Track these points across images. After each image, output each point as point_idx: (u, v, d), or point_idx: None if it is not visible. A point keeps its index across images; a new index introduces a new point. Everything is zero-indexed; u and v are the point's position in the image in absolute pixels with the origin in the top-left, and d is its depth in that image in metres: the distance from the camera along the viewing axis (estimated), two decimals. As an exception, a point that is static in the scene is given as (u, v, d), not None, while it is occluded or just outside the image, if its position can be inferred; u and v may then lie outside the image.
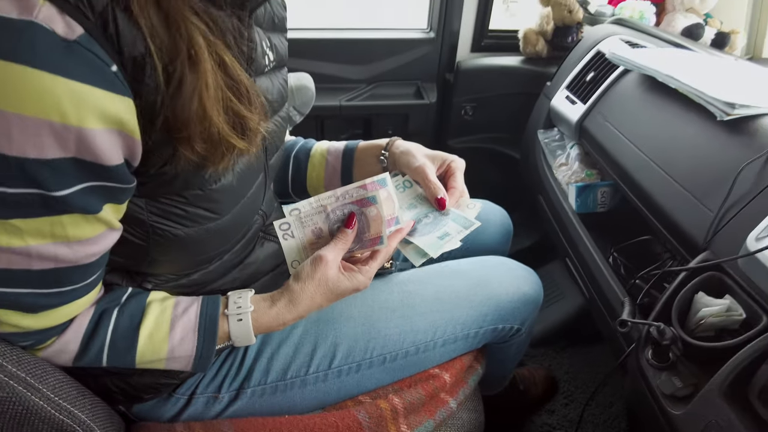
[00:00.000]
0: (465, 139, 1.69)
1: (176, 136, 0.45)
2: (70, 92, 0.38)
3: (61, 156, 0.40)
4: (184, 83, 0.43)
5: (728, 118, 0.83)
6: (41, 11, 0.37)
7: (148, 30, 0.41)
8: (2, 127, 0.38)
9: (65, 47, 0.38)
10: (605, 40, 1.26)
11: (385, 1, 3.12)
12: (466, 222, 0.68)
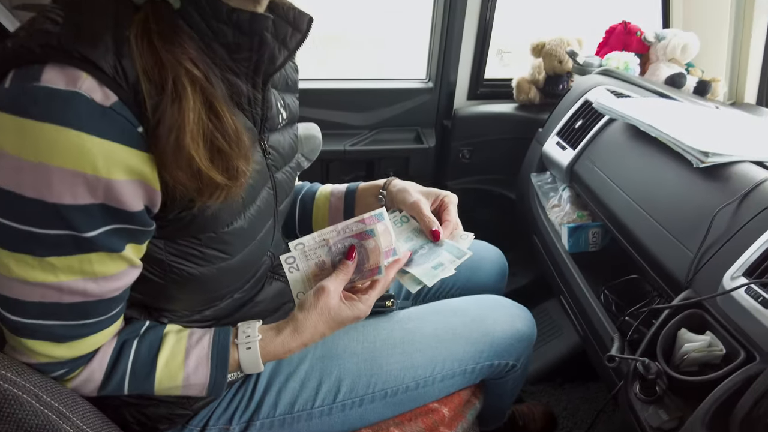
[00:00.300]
0: (463, 181, 1.76)
1: (163, 166, 0.50)
2: (102, 150, 0.45)
3: (92, 202, 0.47)
4: (163, 118, 0.48)
5: (703, 165, 0.89)
6: (84, 83, 0.44)
7: (142, 70, 0.47)
8: (45, 178, 0.44)
9: (101, 112, 0.45)
10: (592, 90, 1.34)
11: (388, 54, 3.27)
12: (459, 252, 0.73)
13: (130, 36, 0.47)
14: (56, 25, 0.46)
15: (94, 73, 0.44)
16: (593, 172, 1.16)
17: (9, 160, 0.44)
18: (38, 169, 0.44)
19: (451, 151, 1.71)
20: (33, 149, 0.44)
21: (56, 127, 0.43)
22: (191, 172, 0.50)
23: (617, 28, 1.70)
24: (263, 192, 0.67)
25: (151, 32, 0.48)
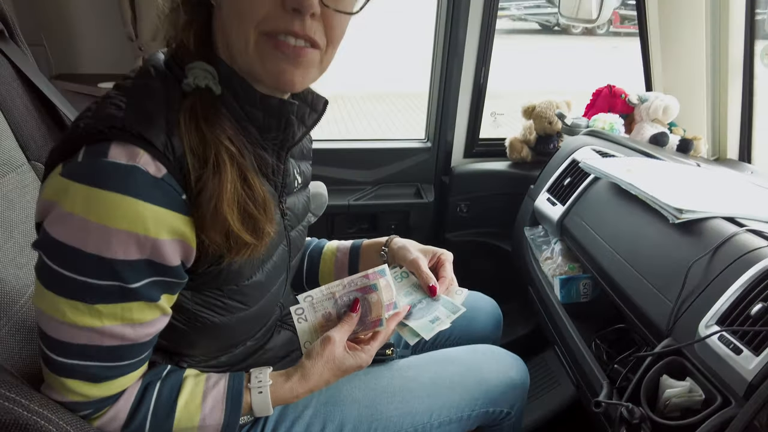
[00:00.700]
0: (461, 233, 1.84)
1: (201, 228, 0.58)
2: (153, 214, 0.54)
3: (139, 258, 0.55)
4: (205, 187, 0.57)
5: (678, 221, 0.97)
6: (141, 158, 0.53)
7: (188, 147, 0.56)
8: (105, 238, 0.53)
9: (154, 183, 0.54)
10: (580, 150, 1.44)
11: (390, 117, 3.46)
12: (454, 307, 0.80)
13: (180, 118, 0.57)
14: (120, 109, 0.56)
15: (149, 150, 0.54)
16: (581, 226, 1.23)
17: (77, 221, 0.52)
18: (101, 229, 0.52)
19: (450, 206, 1.80)
20: (98, 213, 0.52)
21: (119, 195, 0.52)
22: (225, 233, 0.59)
23: (603, 91, 1.82)
24: (279, 249, 0.75)
25: (197, 115, 0.58)
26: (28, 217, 0.81)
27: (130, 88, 0.59)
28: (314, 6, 0.56)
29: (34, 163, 0.87)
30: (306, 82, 0.63)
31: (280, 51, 0.58)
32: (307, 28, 0.57)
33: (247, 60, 0.60)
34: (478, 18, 1.64)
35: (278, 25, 0.57)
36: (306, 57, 0.60)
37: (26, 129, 0.86)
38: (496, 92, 6.33)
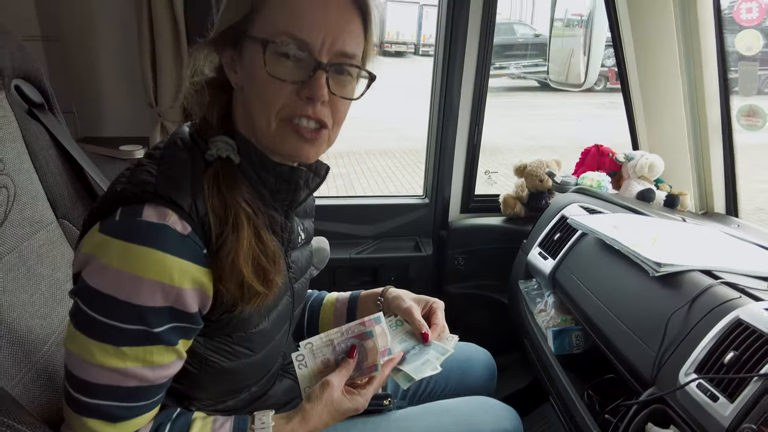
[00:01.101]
0: (459, 286, 1.90)
1: (219, 279, 0.65)
2: (179, 266, 0.61)
3: (164, 305, 0.62)
4: (225, 244, 0.65)
5: (658, 274, 1.03)
6: (170, 218, 0.62)
7: (210, 208, 0.64)
8: (136, 286, 0.60)
9: (181, 239, 0.62)
10: (568, 207, 1.52)
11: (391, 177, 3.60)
12: (443, 350, 0.85)
13: (203, 184, 0.66)
14: (152, 176, 0.65)
15: (177, 211, 0.62)
16: (571, 279, 1.29)
17: (113, 272, 0.60)
18: (133, 279, 0.60)
19: (447, 259, 1.87)
20: (131, 265, 0.60)
21: (151, 250, 0.60)
22: (239, 283, 0.66)
23: (591, 150, 1.93)
24: (284, 299, 0.82)
25: (219, 182, 0.67)
26: (54, 270, 0.89)
27: (160, 157, 0.69)
28: (325, 96, 0.66)
29: (62, 221, 0.95)
30: (318, 155, 0.73)
31: (297, 134, 0.68)
32: (318, 112, 0.67)
33: (268, 139, 0.69)
34: (470, 84, 1.78)
35: (295, 111, 0.67)
36: (319, 138, 0.70)
37: (57, 190, 0.95)
38: (495, 147, 6.46)
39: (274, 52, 0.64)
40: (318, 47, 0.65)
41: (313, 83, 0.65)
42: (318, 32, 0.64)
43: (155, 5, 1.43)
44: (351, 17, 0.68)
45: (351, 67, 0.69)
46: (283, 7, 0.65)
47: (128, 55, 1.55)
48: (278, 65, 0.65)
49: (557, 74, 2.28)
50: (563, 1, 2.09)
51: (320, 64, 0.65)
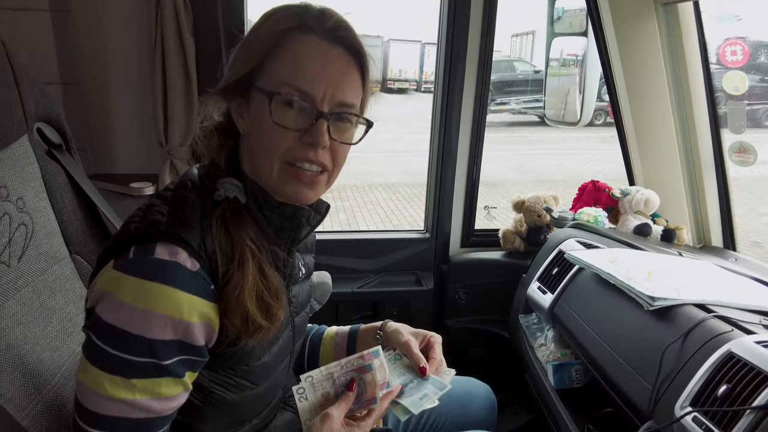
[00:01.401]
0: (460, 320, 1.91)
1: (224, 314, 0.68)
2: (188, 301, 0.65)
3: (173, 338, 0.65)
4: (231, 280, 0.68)
5: (652, 308, 1.05)
6: (181, 256, 0.65)
7: (218, 246, 0.68)
8: (148, 321, 0.63)
9: (190, 275, 0.66)
10: (566, 241, 1.55)
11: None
12: (441, 385, 0.87)
13: (212, 223, 0.70)
14: (163, 216, 0.69)
15: (187, 249, 0.66)
16: (569, 314, 1.31)
17: (127, 307, 0.63)
18: (145, 314, 0.63)
19: (449, 293, 1.89)
20: (144, 300, 0.63)
21: (163, 286, 0.64)
22: (244, 318, 0.69)
23: (588, 186, 1.97)
24: (285, 333, 0.84)
25: (227, 221, 0.71)
26: (66, 304, 0.92)
27: (171, 198, 0.73)
28: (326, 142, 0.71)
29: (74, 256, 0.99)
30: (317, 197, 0.78)
31: (298, 179, 0.73)
32: (319, 157, 0.72)
33: (271, 182, 0.74)
34: (469, 121, 1.84)
35: (297, 155, 0.72)
36: (318, 182, 0.75)
37: (71, 227, 0.99)
38: (496, 181, 6.55)
39: (279, 102, 0.70)
40: (320, 98, 0.70)
41: (315, 131, 0.70)
42: (319, 84, 0.70)
43: (168, 53, 1.51)
44: (350, 70, 0.73)
45: (350, 115, 0.74)
46: (287, 62, 0.70)
47: (141, 97, 1.62)
48: (283, 114, 0.70)
49: (554, 113, 2.35)
50: (559, 42, 2.18)
51: (322, 113, 0.70)
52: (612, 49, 1.80)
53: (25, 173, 0.90)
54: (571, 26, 2.09)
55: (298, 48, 0.70)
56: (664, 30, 1.73)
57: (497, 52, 14.99)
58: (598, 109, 9.88)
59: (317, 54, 0.71)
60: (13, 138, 0.88)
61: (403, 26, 34.57)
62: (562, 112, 2.29)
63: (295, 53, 0.70)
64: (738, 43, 1.54)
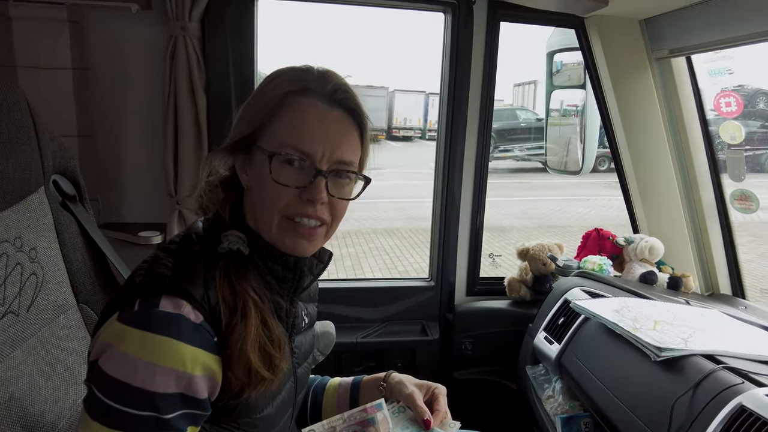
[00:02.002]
0: (467, 372, 1.87)
1: (227, 366, 0.68)
2: (192, 354, 0.65)
3: (175, 392, 0.64)
4: (234, 331, 0.68)
5: (660, 359, 1.04)
6: (185, 308, 0.66)
7: (221, 298, 0.69)
8: (151, 373, 0.63)
9: (194, 327, 0.66)
10: (571, 290, 1.54)
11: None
12: None
13: (216, 275, 0.71)
14: (168, 269, 0.70)
15: (191, 301, 0.67)
16: (576, 364, 1.29)
17: (130, 359, 0.63)
18: (148, 366, 0.63)
19: (455, 343, 1.86)
20: (148, 352, 0.63)
21: (167, 339, 0.64)
22: (246, 370, 0.69)
23: (592, 234, 1.98)
24: (288, 385, 0.84)
25: (230, 272, 0.72)
26: (70, 354, 0.92)
27: (176, 251, 0.75)
28: (324, 198, 0.74)
29: (82, 305, 1.00)
30: (315, 249, 0.79)
31: (297, 232, 0.75)
32: (318, 212, 0.74)
33: (270, 236, 0.76)
34: (471, 169, 1.87)
35: (296, 211, 0.74)
36: (316, 234, 0.76)
37: (80, 277, 1.01)
38: (502, 228, 6.53)
39: (280, 161, 0.73)
40: (318, 157, 0.73)
41: (314, 188, 0.73)
42: (318, 144, 0.73)
43: (181, 107, 1.57)
44: (348, 130, 0.76)
45: (349, 173, 0.77)
46: (288, 124, 0.73)
47: (152, 148, 1.67)
48: (283, 172, 0.73)
49: (556, 161, 2.40)
50: (559, 93, 2.25)
51: (320, 171, 0.73)
52: (610, 101, 1.86)
53: (40, 224, 0.92)
54: (570, 79, 2.16)
55: (299, 110, 0.74)
56: (660, 83, 1.79)
57: (500, 101, 15.37)
58: (601, 156, 10.01)
59: (317, 116, 0.74)
60: (30, 190, 0.91)
61: (408, 77, 35.74)
62: (564, 161, 2.34)
63: (296, 115, 0.74)
64: (731, 95, 1.59)
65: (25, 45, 1.48)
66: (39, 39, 1.49)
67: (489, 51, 1.79)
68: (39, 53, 1.49)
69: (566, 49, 2.02)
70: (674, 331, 1.15)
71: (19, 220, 0.87)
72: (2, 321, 0.79)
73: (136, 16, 1.50)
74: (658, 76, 1.78)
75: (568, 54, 2.05)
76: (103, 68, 1.62)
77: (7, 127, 0.84)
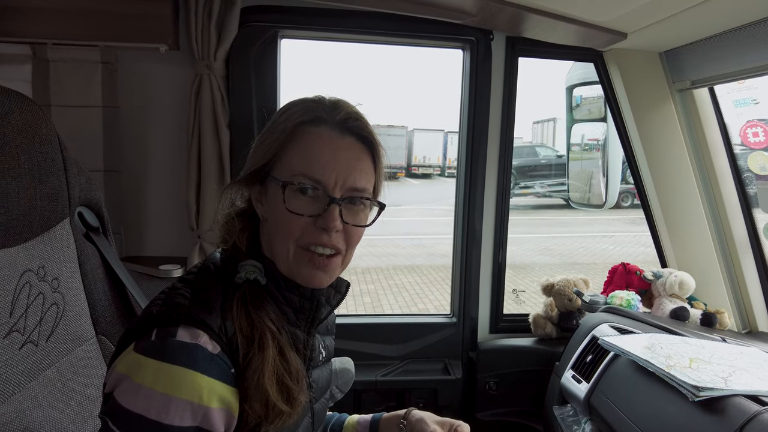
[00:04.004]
0: (492, 413, 1.79)
1: (244, 398, 0.66)
2: (209, 385, 0.63)
3: (191, 425, 0.62)
4: (251, 363, 0.67)
5: (698, 399, 0.97)
6: (202, 338, 0.65)
7: (238, 328, 0.67)
8: (166, 405, 0.61)
9: (211, 358, 0.65)
10: (599, 327, 1.48)
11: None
12: None
13: (233, 305, 0.70)
14: (185, 299, 0.69)
15: (208, 331, 0.66)
16: (607, 405, 1.23)
17: (145, 391, 0.62)
18: (163, 398, 0.61)
19: (478, 383, 1.80)
20: (164, 383, 0.62)
21: (183, 369, 0.63)
22: (264, 402, 0.67)
23: (618, 269, 1.92)
24: (304, 421, 0.81)
25: (247, 302, 0.71)
26: (86, 387, 0.91)
27: (194, 281, 0.74)
28: (338, 226, 0.73)
29: (100, 337, 0.99)
30: (331, 281, 0.78)
31: (313, 264, 0.74)
32: (333, 240, 0.74)
33: (286, 266, 0.75)
34: (492, 205, 1.85)
35: (311, 240, 0.73)
36: (331, 263, 0.75)
37: (100, 308, 1.01)
38: (525, 265, 6.46)
39: (293, 190, 0.73)
40: (331, 185, 0.73)
41: (327, 216, 0.72)
42: (330, 172, 0.73)
43: (204, 143, 1.61)
44: (361, 157, 0.76)
45: (363, 199, 0.76)
46: (300, 154, 0.74)
47: (175, 183, 1.71)
48: (296, 201, 0.72)
49: (579, 196, 2.36)
50: (579, 127, 2.24)
51: (333, 199, 0.72)
52: (632, 134, 1.83)
53: (63, 255, 0.93)
54: (590, 113, 2.16)
55: (310, 140, 0.74)
56: (683, 114, 1.76)
57: (519, 139, 15.46)
58: (624, 191, 9.92)
59: (328, 144, 0.74)
60: (56, 221, 0.92)
61: (427, 116, 36.35)
62: (587, 195, 2.30)
63: (307, 145, 0.74)
64: (759, 125, 1.55)
65: (59, 85, 1.55)
66: (73, 79, 1.55)
67: (508, 86, 1.80)
68: (72, 92, 1.56)
69: (586, 83, 2.03)
70: (712, 370, 1.09)
71: (44, 249, 0.88)
72: (21, 350, 0.79)
73: (163, 56, 1.56)
74: (680, 107, 1.76)
75: (587, 88, 2.05)
76: (130, 105, 1.68)
77: (37, 159, 0.86)
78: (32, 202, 0.84)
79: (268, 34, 1.64)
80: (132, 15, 1.47)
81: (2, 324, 0.76)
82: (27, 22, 1.43)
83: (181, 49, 1.61)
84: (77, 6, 1.44)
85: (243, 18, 1.59)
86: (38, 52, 1.54)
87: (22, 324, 0.80)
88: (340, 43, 1.82)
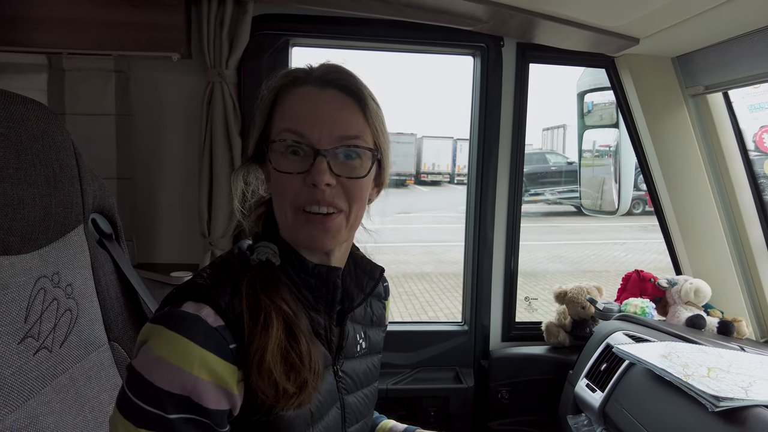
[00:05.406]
0: (504, 422, 1.77)
1: (248, 377, 0.66)
2: (201, 356, 0.63)
3: (181, 393, 0.62)
4: (254, 340, 0.66)
5: (717, 409, 0.95)
6: (204, 311, 0.66)
7: (246, 307, 0.67)
8: (159, 367, 0.62)
9: (209, 331, 0.65)
10: (613, 335, 1.46)
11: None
12: None
13: (242, 285, 0.70)
14: (202, 278, 0.70)
15: (213, 306, 0.67)
16: (622, 414, 1.20)
17: (149, 353, 0.64)
18: (159, 361, 0.63)
19: (490, 391, 1.77)
20: (161, 347, 0.63)
21: (180, 337, 0.64)
22: (271, 383, 0.66)
23: (632, 276, 1.89)
24: (332, 411, 0.79)
25: (256, 283, 0.71)
26: (99, 393, 0.91)
27: (217, 263, 0.76)
28: (326, 180, 0.70)
29: (113, 343, 1.00)
30: (336, 242, 0.75)
31: (309, 222, 0.73)
32: (328, 197, 0.71)
33: (288, 231, 0.75)
34: (504, 212, 1.84)
35: (305, 199, 0.72)
36: (331, 223, 0.73)
37: (113, 315, 1.01)
38: (536, 272, 6.42)
39: (280, 150, 0.72)
40: (316, 138, 0.71)
41: (314, 169, 0.70)
42: (313, 125, 0.71)
43: (216, 151, 1.61)
44: (345, 106, 0.74)
45: (355, 148, 0.74)
46: (282, 113, 0.74)
47: (187, 190, 1.72)
48: (284, 161, 0.72)
49: (591, 202, 2.34)
50: (591, 134, 2.23)
51: (318, 151, 0.71)
52: (645, 140, 1.82)
53: (77, 261, 0.94)
54: (601, 119, 2.14)
55: (291, 99, 0.74)
56: (696, 120, 1.74)
57: (529, 146, 15.39)
58: (635, 198, 9.83)
59: (308, 99, 0.73)
60: (70, 227, 0.93)
61: (436, 123, 36.40)
62: (599, 202, 2.28)
63: (288, 104, 0.74)
64: (775, 130, 1.53)
65: (74, 93, 1.57)
66: (87, 88, 1.57)
67: (519, 92, 1.80)
68: (86, 101, 1.58)
69: (597, 88, 2.01)
70: (732, 379, 1.07)
71: (58, 256, 0.89)
72: (36, 356, 0.79)
73: (176, 64, 1.57)
74: (694, 112, 1.74)
75: (598, 94, 2.04)
76: (143, 113, 1.70)
77: (53, 166, 0.87)
78: (48, 209, 0.85)
79: (280, 42, 1.65)
80: (145, 25, 1.49)
81: (17, 330, 0.76)
82: (43, 32, 1.45)
83: (194, 57, 1.63)
84: (91, 16, 1.46)
85: (254, 26, 1.60)
86: (53, 61, 1.56)
87: (36, 330, 0.80)
88: (348, 51, 1.83)
